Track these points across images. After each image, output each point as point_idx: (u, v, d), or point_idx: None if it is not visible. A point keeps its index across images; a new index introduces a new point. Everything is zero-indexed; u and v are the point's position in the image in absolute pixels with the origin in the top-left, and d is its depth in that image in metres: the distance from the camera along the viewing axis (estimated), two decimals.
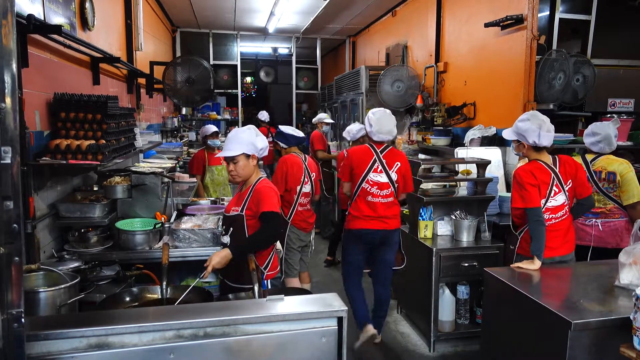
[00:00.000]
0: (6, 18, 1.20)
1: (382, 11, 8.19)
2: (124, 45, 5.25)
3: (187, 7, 7.95)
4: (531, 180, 3.03)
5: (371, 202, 3.69)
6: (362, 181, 3.70)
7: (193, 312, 1.69)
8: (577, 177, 3.15)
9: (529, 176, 3.04)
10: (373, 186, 3.69)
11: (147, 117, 6.25)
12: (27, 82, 2.64)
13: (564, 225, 3.13)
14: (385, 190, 3.70)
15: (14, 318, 1.23)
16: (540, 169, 3.08)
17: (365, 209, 3.70)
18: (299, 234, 4.26)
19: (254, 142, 2.75)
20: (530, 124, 3.05)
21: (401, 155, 3.83)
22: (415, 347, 3.96)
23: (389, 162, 3.72)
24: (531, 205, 2.98)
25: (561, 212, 3.11)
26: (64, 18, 3.29)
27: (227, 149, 2.74)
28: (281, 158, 4.25)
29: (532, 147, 3.12)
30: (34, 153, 2.74)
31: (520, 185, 3.03)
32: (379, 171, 3.70)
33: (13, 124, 1.22)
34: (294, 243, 4.23)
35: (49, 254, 2.92)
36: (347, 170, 3.78)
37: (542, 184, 3.06)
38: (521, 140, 3.13)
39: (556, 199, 3.09)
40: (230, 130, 4.73)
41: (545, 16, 4.90)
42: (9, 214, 1.22)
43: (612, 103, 4.95)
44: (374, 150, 3.74)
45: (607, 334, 2.22)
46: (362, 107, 7.12)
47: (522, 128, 3.08)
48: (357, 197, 3.73)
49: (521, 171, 3.08)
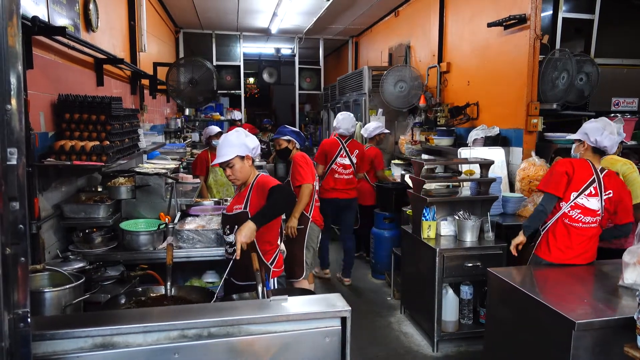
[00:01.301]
0: (12, 20, 1.20)
1: (384, 11, 8.19)
2: (127, 47, 5.27)
3: (190, 8, 7.97)
4: (567, 168, 3.01)
5: (337, 179, 5.23)
6: (332, 163, 5.25)
7: (197, 312, 1.69)
8: (623, 200, 3.06)
9: (567, 165, 3.02)
10: (339, 167, 5.24)
11: (150, 118, 6.27)
12: (32, 84, 2.65)
13: (589, 233, 3.04)
14: (348, 169, 5.27)
15: (20, 318, 1.24)
16: (584, 165, 3.05)
17: (332, 184, 5.19)
18: (317, 230, 4.38)
19: (244, 143, 2.77)
20: (597, 124, 3.08)
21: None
22: (419, 347, 3.96)
23: (350, 150, 5.32)
24: (548, 190, 2.99)
25: (591, 217, 3.03)
26: (68, 19, 3.31)
27: (220, 155, 2.75)
28: (295, 157, 4.24)
29: (591, 148, 3.10)
30: (38, 154, 2.76)
31: (552, 171, 3.03)
32: (343, 156, 5.28)
33: (19, 126, 1.22)
34: (312, 241, 4.33)
35: (53, 255, 2.94)
36: (322, 157, 5.28)
37: (579, 179, 3.02)
38: (583, 139, 3.12)
39: (590, 201, 3.02)
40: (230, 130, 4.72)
41: (549, 15, 4.89)
42: (15, 214, 1.22)
43: (615, 102, 4.94)
44: (340, 141, 5.33)
45: (610, 333, 2.21)
46: (365, 107, 7.12)
47: (587, 127, 3.11)
48: (328, 175, 5.23)
49: (561, 159, 3.07)
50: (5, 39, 1.19)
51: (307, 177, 4.13)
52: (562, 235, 3.04)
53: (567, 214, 3.03)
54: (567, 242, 3.02)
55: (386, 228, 5.45)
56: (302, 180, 4.12)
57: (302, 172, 4.15)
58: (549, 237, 3.08)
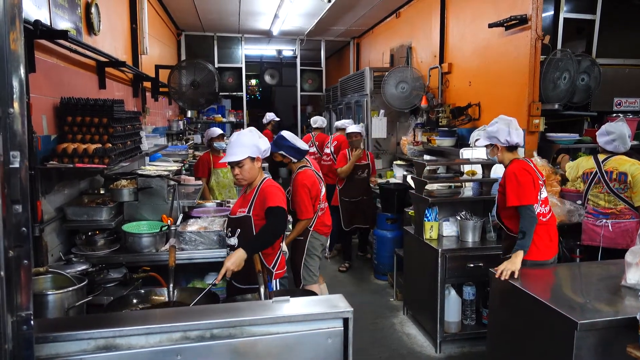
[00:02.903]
0: (14, 24, 1.21)
1: (386, 13, 8.19)
2: (129, 49, 5.29)
3: (191, 10, 7.98)
4: (529, 175, 3.06)
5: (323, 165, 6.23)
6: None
7: (200, 314, 1.70)
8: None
9: (525, 173, 3.07)
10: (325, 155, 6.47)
11: (152, 120, 6.28)
12: (34, 87, 2.66)
13: (553, 222, 3.20)
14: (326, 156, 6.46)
15: (23, 320, 1.24)
16: (527, 165, 3.14)
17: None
18: (321, 239, 4.08)
19: (257, 144, 2.75)
20: (498, 125, 3.17)
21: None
22: (422, 348, 3.95)
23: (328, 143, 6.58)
24: (527, 202, 3.01)
25: (548, 206, 3.19)
26: (70, 23, 3.32)
27: (231, 154, 2.72)
28: (299, 179, 3.82)
29: (505, 148, 3.19)
30: (41, 157, 2.77)
31: (519, 183, 3.02)
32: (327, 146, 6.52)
33: (21, 129, 1.23)
34: (316, 250, 4.03)
35: (56, 257, 2.94)
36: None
37: (537, 178, 3.12)
38: (494, 142, 3.20)
39: (543, 192, 3.17)
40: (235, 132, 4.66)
41: (550, 16, 4.88)
42: (17, 217, 1.23)
43: (617, 102, 4.93)
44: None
45: (613, 334, 2.21)
46: (366, 108, 7.12)
47: (492, 131, 3.19)
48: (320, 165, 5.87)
49: (515, 170, 3.08)
50: (8, 43, 1.20)
51: (308, 212, 3.79)
52: (543, 232, 3.11)
53: (540, 212, 3.11)
54: (547, 237, 3.12)
55: (388, 229, 5.44)
56: (302, 215, 3.80)
57: (305, 206, 3.79)
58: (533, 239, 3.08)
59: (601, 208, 3.73)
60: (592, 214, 3.79)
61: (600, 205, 3.74)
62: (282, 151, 3.82)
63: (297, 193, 3.80)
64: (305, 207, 3.78)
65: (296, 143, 3.83)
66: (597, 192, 3.76)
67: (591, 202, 3.81)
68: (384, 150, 7.20)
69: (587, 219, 3.82)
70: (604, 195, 3.71)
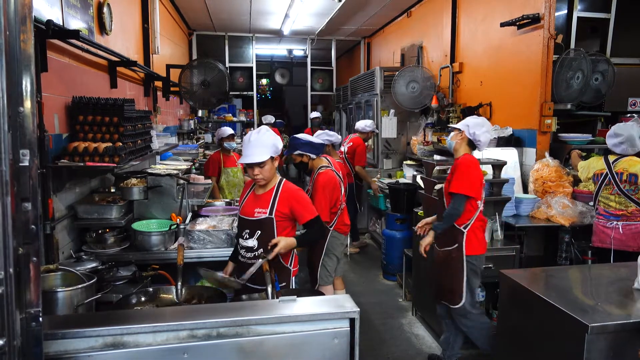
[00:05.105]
0: (25, 24, 1.22)
1: (397, 12, 8.16)
2: (140, 49, 5.33)
3: (203, 10, 8.03)
4: (479, 173, 3.24)
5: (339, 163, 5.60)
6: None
7: (206, 313, 1.70)
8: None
9: (477, 169, 3.23)
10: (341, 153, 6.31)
11: (163, 119, 6.33)
12: (47, 86, 2.69)
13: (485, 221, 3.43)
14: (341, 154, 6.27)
15: (32, 317, 1.25)
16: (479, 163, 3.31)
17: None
18: (340, 238, 4.09)
19: (276, 144, 2.73)
20: (479, 120, 3.32)
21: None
22: (430, 349, 3.93)
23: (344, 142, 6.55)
24: (472, 194, 3.17)
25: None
26: (83, 23, 3.35)
27: (253, 154, 2.64)
28: (320, 182, 3.81)
29: (467, 140, 3.30)
30: (53, 156, 2.80)
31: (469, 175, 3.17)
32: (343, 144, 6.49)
33: (31, 128, 1.24)
34: (335, 249, 4.01)
35: (67, 255, 2.98)
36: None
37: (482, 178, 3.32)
38: (464, 129, 3.29)
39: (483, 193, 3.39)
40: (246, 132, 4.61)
41: (563, 15, 4.83)
42: (27, 215, 1.24)
43: (632, 102, 4.86)
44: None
45: (625, 337, 2.17)
46: (376, 108, 7.10)
47: (470, 121, 3.33)
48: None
49: (470, 163, 3.22)
50: (18, 43, 1.21)
51: (324, 215, 3.69)
52: (480, 231, 3.31)
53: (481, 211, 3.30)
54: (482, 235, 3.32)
55: (398, 229, 5.42)
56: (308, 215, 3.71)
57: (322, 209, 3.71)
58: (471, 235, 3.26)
59: (612, 210, 3.68)
60: (603, 216, 3.74)
61: (611, 207, 3.69)
62: (299, 150, 3.89)
63: (316, 195, 3.80)
64: (322, 210, 3.73)
65: (310, 139, 3.95)
66: (607, 194, 3.71)
67: (602, 204, 3.76)
68: (393, 150, 7.17)
69: (598, 220, 3.77)
70: (614, 197, 3.66)
